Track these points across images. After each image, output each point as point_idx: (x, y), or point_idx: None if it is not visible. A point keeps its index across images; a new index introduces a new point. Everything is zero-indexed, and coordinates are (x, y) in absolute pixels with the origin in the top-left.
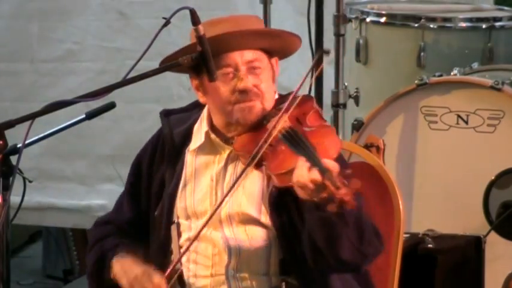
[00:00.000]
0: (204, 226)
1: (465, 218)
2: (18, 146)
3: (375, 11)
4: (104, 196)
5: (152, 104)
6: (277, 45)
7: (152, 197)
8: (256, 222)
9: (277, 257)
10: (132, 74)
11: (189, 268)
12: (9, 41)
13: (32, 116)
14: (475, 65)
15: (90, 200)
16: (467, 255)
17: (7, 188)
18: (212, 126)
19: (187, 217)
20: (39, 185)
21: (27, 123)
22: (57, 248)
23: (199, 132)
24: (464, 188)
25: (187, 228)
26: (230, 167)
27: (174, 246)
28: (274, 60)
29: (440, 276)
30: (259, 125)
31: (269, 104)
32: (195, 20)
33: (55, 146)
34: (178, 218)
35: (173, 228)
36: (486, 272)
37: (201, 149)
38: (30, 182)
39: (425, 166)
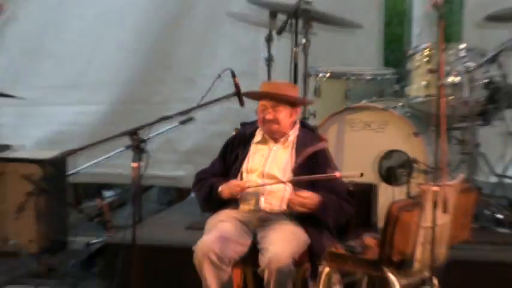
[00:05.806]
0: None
1: (369, 175)
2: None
3: (323, 70)
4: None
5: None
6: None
7: (231, 162)
8: (278, 180)
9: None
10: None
11: (249, 179)
12: None
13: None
14: (374, 98)
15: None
16: (368, 193)
17: (139, 159)
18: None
19: (247, 172)
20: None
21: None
22: None
23: (259, 133)
24: (369, 160)
25: (245, 177)
26: (273, 152)
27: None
28: (296, 108)
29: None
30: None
31: (284, 127)
32: (234, 75)
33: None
34: (242, 172)
35: (239, 176)
36: (378, 203)
37: (260, 142)
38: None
39: (350, 150)
